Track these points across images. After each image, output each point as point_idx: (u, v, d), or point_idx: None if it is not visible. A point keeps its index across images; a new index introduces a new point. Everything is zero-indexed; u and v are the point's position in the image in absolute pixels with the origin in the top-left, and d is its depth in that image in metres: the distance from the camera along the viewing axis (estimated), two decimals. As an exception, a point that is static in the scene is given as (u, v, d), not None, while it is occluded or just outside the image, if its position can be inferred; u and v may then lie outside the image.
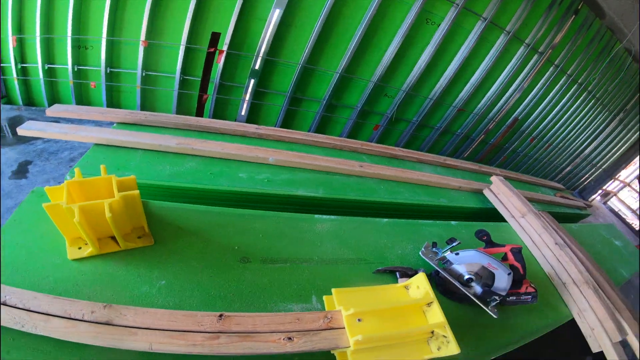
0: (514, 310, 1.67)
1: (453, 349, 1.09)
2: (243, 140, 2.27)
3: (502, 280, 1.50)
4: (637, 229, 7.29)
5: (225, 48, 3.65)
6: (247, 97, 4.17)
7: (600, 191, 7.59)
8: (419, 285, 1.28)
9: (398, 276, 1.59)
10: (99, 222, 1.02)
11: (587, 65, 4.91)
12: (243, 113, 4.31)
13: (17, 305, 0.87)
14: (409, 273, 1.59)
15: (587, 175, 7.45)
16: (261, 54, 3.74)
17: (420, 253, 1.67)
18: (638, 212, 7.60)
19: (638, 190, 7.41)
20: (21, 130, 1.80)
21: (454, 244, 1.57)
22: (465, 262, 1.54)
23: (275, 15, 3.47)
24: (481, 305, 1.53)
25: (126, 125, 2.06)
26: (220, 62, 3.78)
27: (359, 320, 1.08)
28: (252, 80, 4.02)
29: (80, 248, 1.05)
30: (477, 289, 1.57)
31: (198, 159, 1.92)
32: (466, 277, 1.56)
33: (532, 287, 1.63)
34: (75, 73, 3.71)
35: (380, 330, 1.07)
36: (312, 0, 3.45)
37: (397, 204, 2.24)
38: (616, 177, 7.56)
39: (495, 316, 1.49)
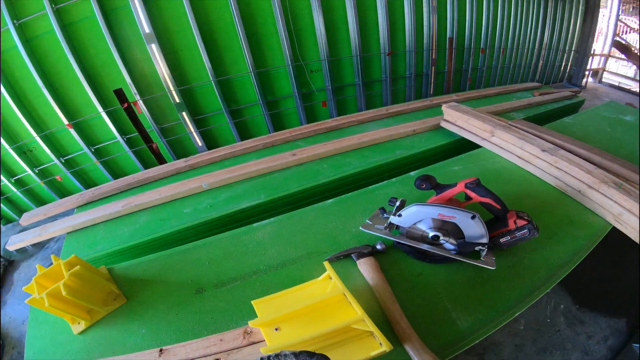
0: (528, 246, 1.31)
1: (380, 346, 0.91)
2: (179, 177, 2.25)
3: (471, 227, 1.13)
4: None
5: (137, 97, 3.56)
6: (191, 128, 4.07)
7: (587, 72, 6.90)
8: (331, 276, 1.06)
9: (355, 258, 1.28)
10: (75, 300, 1.16)
11: None
12: (200, 144, 4.20)
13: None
14: (365, 252, 1.29)
15: (563, 63, 6.81)
16: (172, 88, 3.65)
17: (361, 227, 1.35)
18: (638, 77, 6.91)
19: (626, 57, 6.74)
20: (9, 246, 1.98)
21: (397, 204, 1.21)
22: (412, 221, 1.16)
23: (155, 49, 3.37)
24: (467, 260, 1.16)
25: (83, 206, 2.19)
26: (141, 111, 3.68)
27: (276, 329, 0.97)
28: (184, 113, 3.89)
29: (80, 323, 1.22)
30: (450, 245, 1.19)
31: (147, 212, 1.98)
32: (430, 235, 1.18)
33: (524, 219, 1.20)
34: (39, 174, 3.71)
35: (298, 335, 0.92)
36: (178, 24, 3.36)
37: (346, 176, 1.93)
38: (592, 53, 6.86)
39: (492, 267, 1.16)
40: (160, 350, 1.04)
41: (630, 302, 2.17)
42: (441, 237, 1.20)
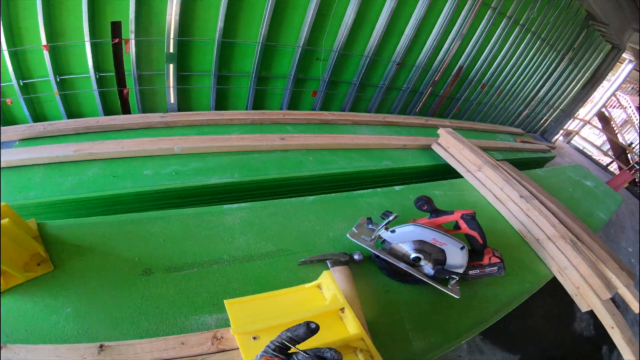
0: (483, 280, 1.39)
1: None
2: (148, 133, 1.97)
3: (456, 256, 1.14)
4: (605, 165, 7.35)
5: (132, 36, 3.19)
6: (171, 83, 3.74)
7: (561, 131, 7.52)
8: (328, 286, 0.97)
9: (329, 266, 1.20)
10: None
11: (527, 5, 4.64)
12: (172, 101, 3.87)
13: None
14: (342, 260, 1.21)
15: (545, 117, 7.26)
16: (172, 36, 3.32)
17: (348, 235, 1.26)
18: (604, 148, 7.67)
19: (600, 126, 7.46)
20: None
21: (390, 219, 1.17)
22: (405, 240, 1.13)
23: (176, -10, 3.01)
24: (437, 286, 1.15)
25: (27, 140, 1.86)
26: (129, 52, 3.31)
27: (254, 338, 0.86)
28: (171, 65, 3.56)
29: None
30: (428, 268, 1.17)
31: (100, 164, 1.68)
32: (412, 256, 1.16)
33: (497, 257, 1.28)
34: None
35: None
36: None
37: (330, 175, 1.83)
38: (575, 116, 7.51)
39: (456, 296, 1.19)
40: (101, 346, 0.85)
41: (528, 342, 2.47)
42: (422, 260, 1.18)
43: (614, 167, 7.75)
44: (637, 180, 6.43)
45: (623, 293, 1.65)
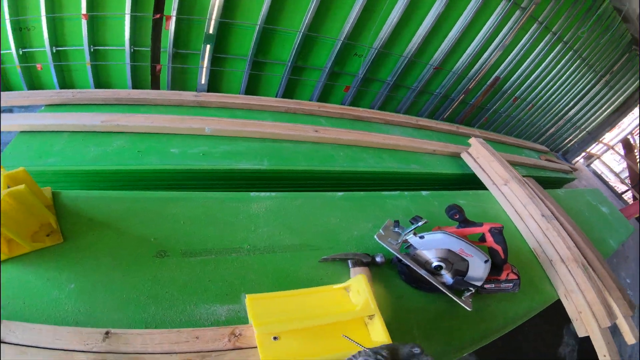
0: (493, 295, 1.37)
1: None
2: (179, 111, 1.93)
3: (478, 269, 1.15)
4: (620, 192, 7.19)
5: (173, 13, 3.17)
6: (205, 64, 3.70)
7: (583, 153, 7.35)
8: (359, 291, 0.93)
9: (350, 265, 1.21)
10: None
11: (574, 23, 4.47)
12: (203, 82, 3.84)
13: None
14: (364, 261, 1.22)
15: (570, 137, 7.05)
16: (214, 17, 3.28)
17: (375, 237, 1.27)
18: (622, 176, 7.46)
19: (623, 153, 7.23)
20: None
21: (419, 224, 1.19)
22: (432, 247, 1.17)
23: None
24: (452, 297, 1.19)
25: (54, 107, 1.79)
26: (169, 28, 3.30)
27: (274, 338, 0.82)
28: (208, 46, 3.54)
29: (-7, 253, 0.90)
30: (448, 278, 1.21)
31: (126, 137, 1.62)
32: (434, 264, 1.20)
33: (515, 274, 1.28)
34: (20, 57, 3.27)
35: (301, 354, 0.78)
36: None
37: (359, 172, 1.82)
38: (600, 139, 7.30)
39: (469, 309, 1.19)
40: (107, 332, 0.78)
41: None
42: (443, 269, 1.19)
43: (628, 196, 7.57)
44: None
45: (620, 323, 1.64)
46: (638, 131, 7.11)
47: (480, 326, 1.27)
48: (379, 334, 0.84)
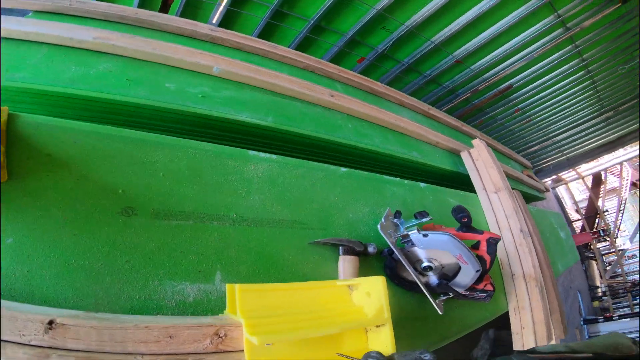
0: (459, 301, 1.41)
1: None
2: (189, 42, 1.63)
3: (467, 277, 1.17)
4: (571, 219, 7.85)
5: None
6: (224, 2, 3.32)
7: (554, 176, 7.81)
8: (371, 293, 0.82)
9: (340, 252, 1.15)
10: None
11: (605, 56, 4.47)
12: (215, 20, 3.48)
13: None
14: (356, 250, 1.16)
15: (549, 159, 7.40)
16: None
17: (378, 227, 1.21)
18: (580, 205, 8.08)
19: (590, 185, 7.78)
20: None
21: (423, 220, 1.16)
22: (432, 247, 1.14)
23: None
24: (430, 299, 1.20)
25: (44, 14, 1.46)
26: None
27: (266, 344, 0.69)
28: None
29: None
30: (433, 279, 1.22)
31: (117, 60, 1.34)
32: (424, 264, 1.19)
33: (491, 285, 1.32)
34: None
35: None
36: None
37: (363, 149, 1.73)
38: (575, 168, 7.74)
39: (441, 312, 1.19)
40: (50, 322, 0.60)
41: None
42: (431, 270, 1.19)
43: (577, 225, 8.30)
44: (589, 245, 6.96)
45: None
46: (612, 170, 7.59)
47: (439, 330, 1.29)
48: (382, 344, 0.76)
